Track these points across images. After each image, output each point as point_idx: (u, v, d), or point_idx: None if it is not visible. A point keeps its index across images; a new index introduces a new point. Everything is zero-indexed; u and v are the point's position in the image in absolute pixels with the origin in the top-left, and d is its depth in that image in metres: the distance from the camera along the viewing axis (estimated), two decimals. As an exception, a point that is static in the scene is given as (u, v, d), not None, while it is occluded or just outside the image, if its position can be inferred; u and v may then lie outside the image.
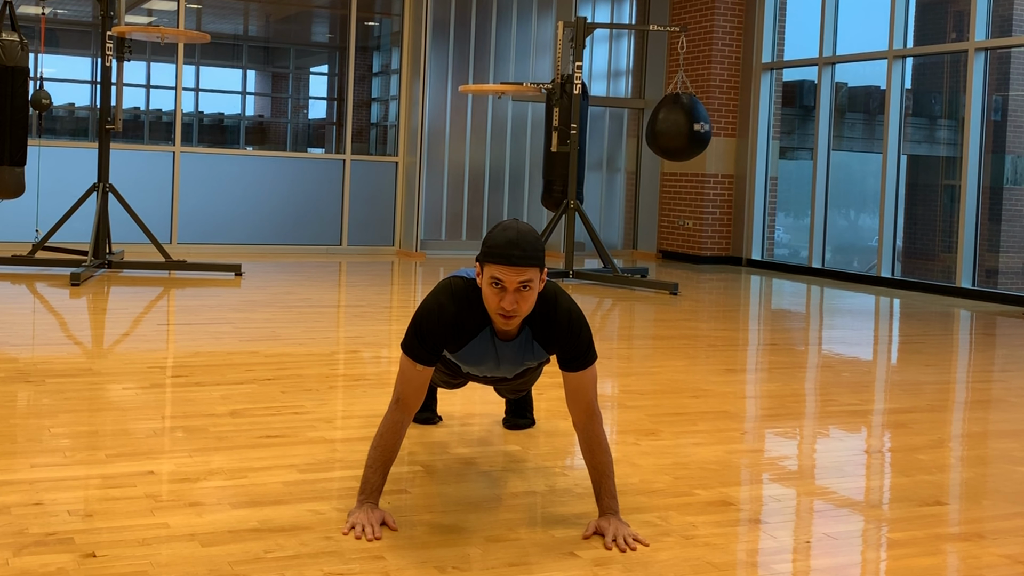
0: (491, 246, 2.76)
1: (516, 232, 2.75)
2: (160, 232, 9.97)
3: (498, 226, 2.81)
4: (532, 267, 2.74)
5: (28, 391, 4.29)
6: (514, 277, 2.73)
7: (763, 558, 2.78)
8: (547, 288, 2.91)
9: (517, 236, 2.74)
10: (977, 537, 2.97)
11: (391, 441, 2.87)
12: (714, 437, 3.98)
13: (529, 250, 2.74)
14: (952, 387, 5.33)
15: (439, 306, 2.87)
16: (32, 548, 2.59)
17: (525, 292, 2.77)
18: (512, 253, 2.72)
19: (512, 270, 2.73)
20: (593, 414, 2.91)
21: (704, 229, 11.70)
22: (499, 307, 2.78)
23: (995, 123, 10.52)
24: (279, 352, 5.34)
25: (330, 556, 2.62)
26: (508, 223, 2.80)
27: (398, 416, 2.88)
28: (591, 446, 2.90)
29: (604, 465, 2.89)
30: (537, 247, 2.77)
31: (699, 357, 5.74)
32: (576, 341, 2.89)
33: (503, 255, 2.73)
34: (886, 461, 3.83)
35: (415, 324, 2.88)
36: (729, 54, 11.70)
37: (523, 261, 2.72)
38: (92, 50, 11.52)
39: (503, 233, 2.76)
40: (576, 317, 2.91)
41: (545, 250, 2.83)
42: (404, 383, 2.89)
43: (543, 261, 2.79)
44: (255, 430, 3.80)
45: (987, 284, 9.92)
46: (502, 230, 2.77)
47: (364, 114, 12.52)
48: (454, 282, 2.93)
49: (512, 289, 2.75)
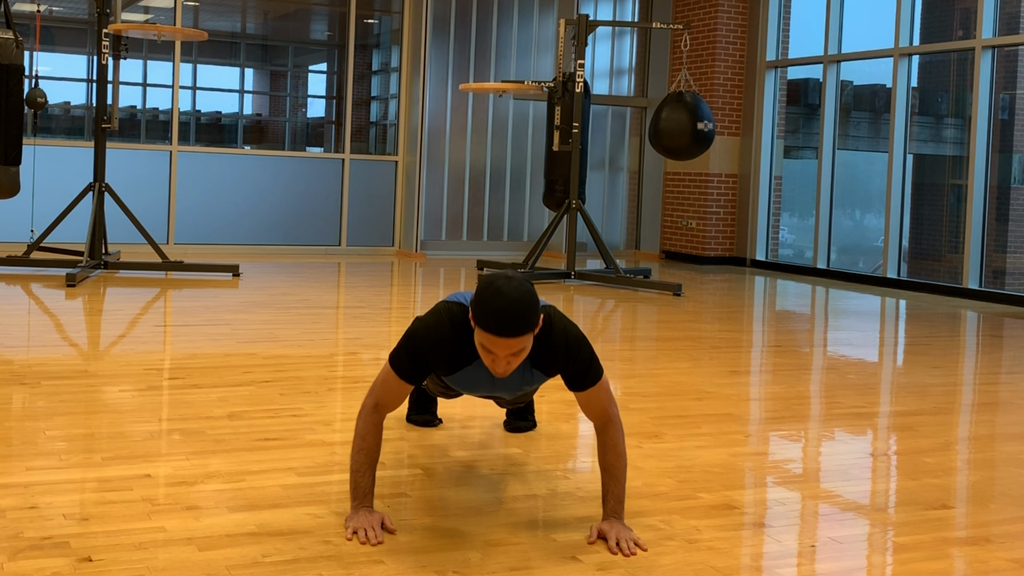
0: (482, 315, 2.60)
1: (509, 301, 2.58)
2: (157, 232, 9.94)
3: (490, 287, 2.62)
4: (526, 336, 2.63)
5: (23, 393, 4.26)
6: (505, 349, 2.63)
7: (767, 562, 2.77)
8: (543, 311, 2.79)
9: (511, 306, 2.57)
10: (984, 541, 2.96)
11: (372, 443, 2.83)
12: (718, 440, 3.95)
13: (522, 322, 2.59)
14: (959, 389, 5.30)
15: (436, 328, 2.79)
16: (27, 552, 2.57)
17: (518, 354, 2.67)
18: (504, 325, 2.58)
19: (503, 342, 2.61)
20: (609, 420, 2.87)
21: (708, 229, 11.67)
22: (491, 367, 2.69)
23: (1002, 122, 10.49)
24: (277, 354, 5.32)
25: (329, 560, 2.60)
26: (500, 284, 2.61)
27: (376, 419, 2.85)
28: (605, 449, 2.87)
29: (616, 469, 2.86)
30: (531, 315, 2.61)
31: (703, 359, 5.71)
32: (577, 364, 2.82)
33: (494, 328, 2.59)
34: (892, 464, 3.80)
35: (408, 341, 2.81)
36: (733, 52, 11.67)
37: (516, 333, 2.60)
38: (88, 48, 11.50)
39: (495, 300, 2.59)
40: (574, 340, 2.83)
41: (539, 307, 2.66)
42: (385, 392, 2.85)
43: (537, 323, 2.66)
44: (253, 433, 3.78)
45: (994, 285, 9.89)
46: (494, 294, 2.59)
47: (363, 113, 12.50)
48: (452, 308, 2.82)
49: (504, 356, 2.66)
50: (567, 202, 9.33)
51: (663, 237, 12.28)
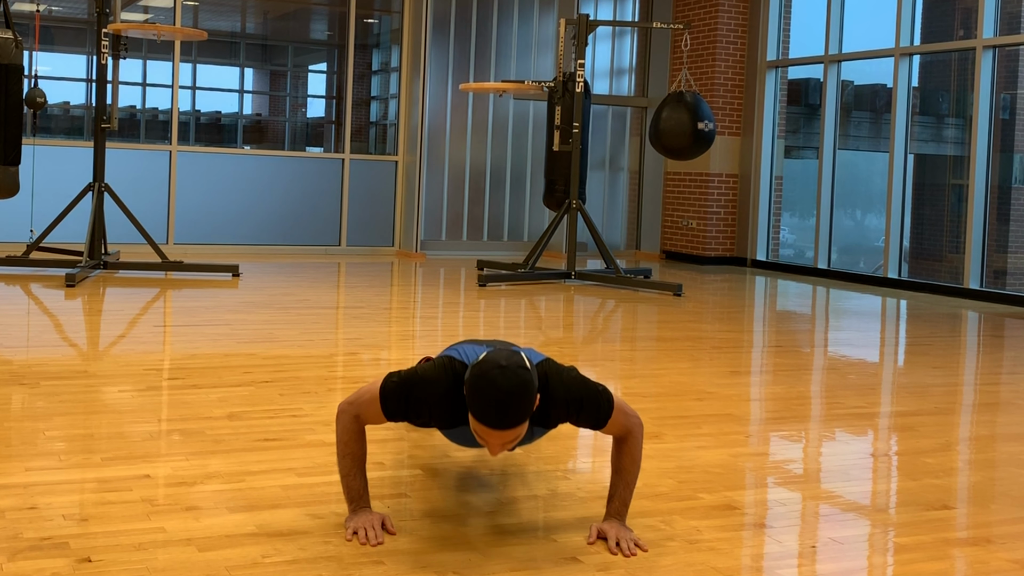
0: (475, 406, 2.51)
1: (503, 393, 2.48)
2: (156, 232, 9.93)
3: (483, 378, 2.51)
4: (520, 426, 2.56)
5: (22, 394, 4.25)
6: (499, 439, 2.57)
7: (768, 563, 2.76)
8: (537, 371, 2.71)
9: (504, 398, 2.48)
10: (985, 542, 2.95)
11: (356, 448, 2.80)
12: (718, 440, 3.95)
13: (516, 415, 2.51)
14: (960, 390, 5.29)
15: (435, 385, 2.70)
16: (27, 553, 2.57)
17: (513, 440, 2.60)
18: (497, 419, 2.50)
19: (497, 434, 2.55)
20: (629, 432, 2.84)
21: (708, 229, 11.66)
22: (487, 448, 2.62)
23: (1003, 122, 10.48)
24: (277, 354, 5.31)
25: (329, 561, 2.60)
26: (493, 375, 2.50)
27: (356, 427, 2.80)
28: (622, 453, 2.85)
29: (628, 473, 2.85)
30: (525, 405, 2.52)
31: (703, 359, 5.71)
32: (585, 414, 2.76)
33: (487, 421, 2.51)
34: (893, 464, 3.79)
35: (406, 386, 2.72)
36: (733, 52, 11.66)
37: (509, 425, 2.52)
38: (87, 48, 11.49)
39: (488, 392, 2.49)
40: (575, 396, 2.74)
41: (535, 391, 2.55)
42: (365, 412, 2.78)
43: (532, 408, 2.55)
44: (253, 433, 3.77)
45: (995, 285, 9.87)
46: (487, 386, 2.49)
47: (363, 113, 12.49)
48: (456, 367, 2.73)
49: (498, 444, 2.60)
50: (567, 202, 9.32)
51: (663, 237, 12.27)
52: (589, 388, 2.76)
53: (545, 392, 2.71)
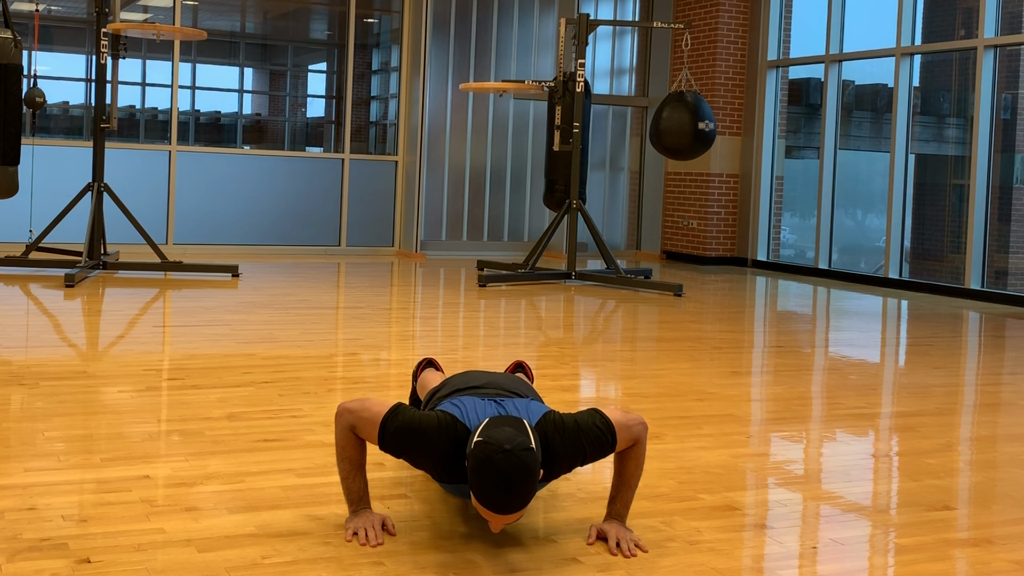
0: (478, 492, 2.50)
1: (507, 481, 2.46)
2: (156, 232, 9.92)
3: (487, 463, 2.47)
4: (521, 509, 2.54)
5: (22, 394, 4.25)
6: (501, 521, 2.56)
7: (769, 564, 2.76)
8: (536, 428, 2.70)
9: (508, 486, 2.47)
10: (986, 542, 2.95)
11: (353, 452, 2.79)
12: (719, 441, 3.94)
13: (521, 499, 2.50)
14: (961, 390, 5.29)
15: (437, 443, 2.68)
16: (26, 554, 2.56)
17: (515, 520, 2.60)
18: (502, 505, 2.49)
19: (500, 517, 2.55)
20: (636, 441, 2.82)
21: (709, 229, 11.65)
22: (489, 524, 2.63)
23: (1005, 122, 10.47)
24: (277, 354, 5.30)
25: (329, 562, 2.59)
26: (497, 461, 2.47)
27: (352, 435, 2.78)
28: (627, 457, 2.84)
29: (632, 477, 2.84)
30: (529, 489, 2.50)
31: (704, 359, 5.70)
32: (587, 459, 2.75)
33: (492, 507, 2.50)
34: (894, 465, 3.79)
35: (406, 435, 2.69)
36: (734, 51, 11.66)
37: (514, 510, 2.51)
38: (87, 47, 11.49)
39: (492, 480, 2.47)
40: (576, 445, 2.72)
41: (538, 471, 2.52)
42: (364, 433, 2.75)
43: (535, 490, 2.54)
44: (252, 434, 3.76)
45: (996, 285, 9.86)
46: (491, 472, 2.47)
47: (363, 112, 12.48)
48: (459, 430, 2.70)
49: (501, 524, 2.59)
50: (568, 202, 9.31)
51: (664, 237, 12.27)
52: (589, 433, 2.73)
53: (547, 453, 2.69)
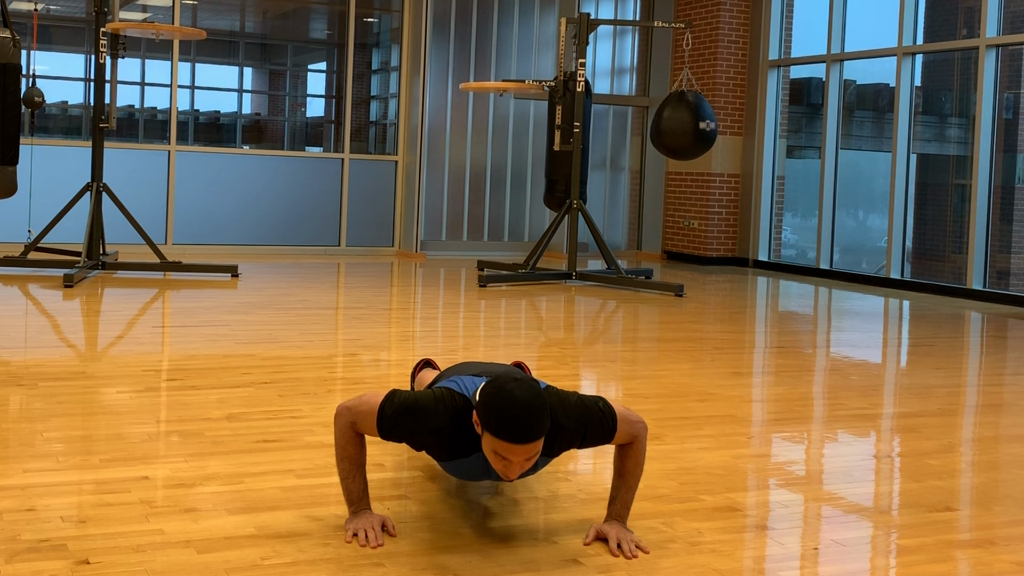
0: (496, 423, 2.48)
1: (523, 406, 2.48)
2: (155, 232, 9.91)
3: (500, 392, 2.50)
4: (542, 438, 2.54)
5: (20, 395, 4.24)
6: (522, 455, 2.54)
7: (770, 565, 2.76)
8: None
9: (526, 411, 2.47)
10: (988, 544, 2.94)
11: (355, 452, 2.78)
12: (720, 441, 3.93)
13: (539, 425, 2.49)
14: (963, 391, 5.28)
15: (434, 417, 2.67)
16: (24, 555, 2.56)
17: (533, 457, 2.57)
18: (522, 432, 2.47)
19: (521, 448, 2.52)
20: (635, 438, 2.82)
21: (710, 229, 11.64)
22: (503, 473, 2.59)
23: (1007, 121, 10.46)
24: (276, 355, 5.30)
25: (328, 563, 2.59)
26: (511, 388, 2.50)
27: (353, 432, 2.77)
28: (625, 456, 2.84)
29: (631, 476, 2.84)
30: (545, 415, 2.51)
31: (705, 360, 5.69)
32: (586, 439, 2.75)
33: (512, 436, 2.48)
34: (895, 466, 3.78)
35: (405, 414, 2.68)
36: (735, 51, 11.65)
37: (534, 438, 2.49)
38: (86, 47, 11.48)
39: (508, 407, 2.48)
40: (579, 420, 2.72)
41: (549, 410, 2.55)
42: (363, 425, 2.74)
43: (549, 421, 2.57)
44: (252, 434, 3.75)
45: (998, 286, 9.85)
46: (506, 400, 2.48)
47: (363, 112, 12.48)
48: (456, 400, 2.70)
49: (519, 462, 2.56)
50: (568, 202, 9.31)
51: (665, 237, 12.26)
52: (591, 412, 2.74)
53: (551, 417, 2.66)
